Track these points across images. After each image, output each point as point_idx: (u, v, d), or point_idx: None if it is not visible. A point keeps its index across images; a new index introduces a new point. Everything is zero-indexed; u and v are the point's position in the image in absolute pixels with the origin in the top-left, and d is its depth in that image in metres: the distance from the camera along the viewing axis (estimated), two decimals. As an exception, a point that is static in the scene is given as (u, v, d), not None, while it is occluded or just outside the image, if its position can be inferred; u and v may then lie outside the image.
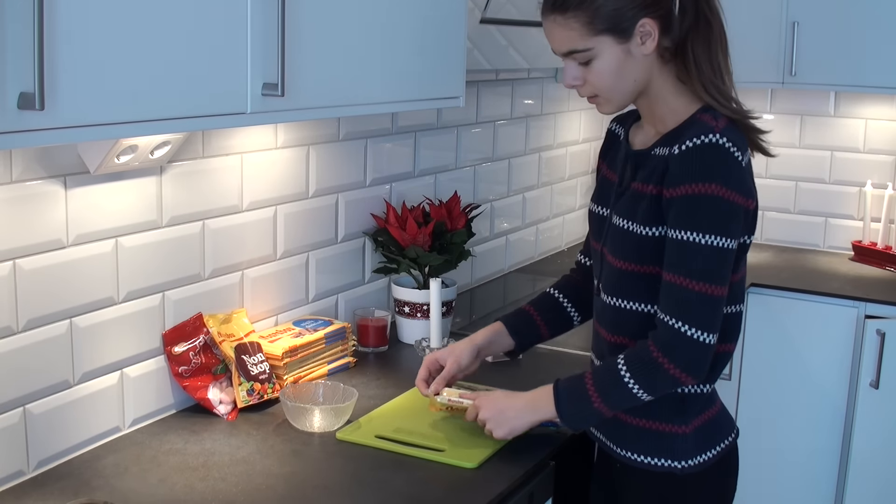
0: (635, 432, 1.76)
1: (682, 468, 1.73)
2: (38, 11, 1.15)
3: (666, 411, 1.73)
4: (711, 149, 1.59)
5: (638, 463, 1.76)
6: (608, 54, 1.66)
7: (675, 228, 1.61)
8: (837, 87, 3.55)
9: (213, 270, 2.07)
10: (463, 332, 2.57)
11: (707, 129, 1.61)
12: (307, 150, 2.30)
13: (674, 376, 1.63)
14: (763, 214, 3.94)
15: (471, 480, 1.74)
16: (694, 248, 1.60)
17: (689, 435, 1.73)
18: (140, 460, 1.78)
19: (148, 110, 1.37)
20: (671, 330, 1.62)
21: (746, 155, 1.66)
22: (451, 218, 2.57)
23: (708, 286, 1.60)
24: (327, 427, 1.91)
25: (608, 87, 1.69)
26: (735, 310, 1.75)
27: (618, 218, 1.73)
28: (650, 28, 1.64)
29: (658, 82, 1.70)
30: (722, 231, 1.59)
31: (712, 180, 1.58)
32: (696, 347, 1.61)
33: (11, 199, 1.63)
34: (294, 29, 1.58)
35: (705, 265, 1.60)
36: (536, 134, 3.36)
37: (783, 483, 3.38)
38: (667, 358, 1.62)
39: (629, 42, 1.65)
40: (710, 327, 1.61)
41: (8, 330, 1.65)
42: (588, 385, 1.71)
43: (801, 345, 3.32)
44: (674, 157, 1.62)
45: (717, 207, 1.59)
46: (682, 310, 1.61)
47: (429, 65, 2.00)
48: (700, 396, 1.75)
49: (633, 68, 1.67)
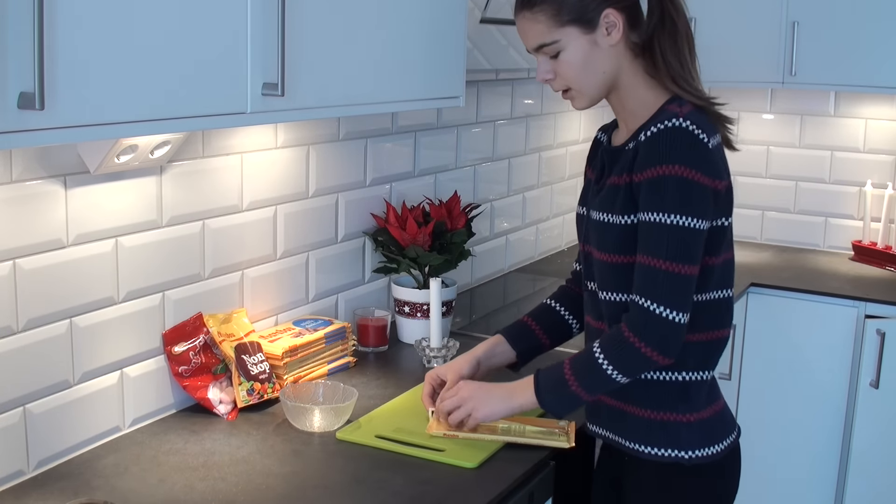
0: (641, 424, 1.77)
1: (690, 458, 1.74)
2: (38, 11, 1.15)
3: (670, 400, 1.75)
4: (674, 131, 1.64)
5: (645, 454, 1.77)
6: (575, 45, 1.71)
7: (644, 211, 1.66)
8: (837, 86, 3.55)
9: (213, 270, 2.08)
10: (463, 332, 2.58)
11: (671, 115, 1.66)
12: (307, 150, 2.30)
13: (645, 355, 1.65)
14: (763, 214, 3.94)
15: (471, 480, 1.74)
16: (660, 228, 1.64)
17: (694, 425, 1.75)
18: (140, 460, 1.78)
19: (148, 110, 1.37)
20: (641, 309, 1.65)
21: (714, 137, 1.69)
22: (451, 218, 2.57)
23: (675, 265, 1.63)
24: (327, 427, 1.91)
25: (577, 78, 1.74)
26: (724, 294, 1.77)
27: (596, 213, 1.77)
28: (615, 19, 1.70)
29: (628, 76, 1.75)
30: (687, 210, 1.63)
31: (675, 161, 1.63)
32: (666, 325, 1.64)
33: (11, 199, 1.63)
34: (294, 29, 1.58)
35: (672, 244, 1.63)
36: (536, 134, 3.36)
37: (783, 483, 3.38)
38: (637, 337, 1.65)
39: (595, 33, 1.71)
40: (678, 306, 1.64)
41: (8, 330, 1.65)
42: (566, 370, 1.74)
43: (801, 345, 3.32)
44: (641, 143, 1.68)
45: (681, 187, 1.62)
46: (651, 289, 1.64)
47: (429, 65, 2.00)
48: (703, 384, 1.77)
49: (601, 59, 1.73)
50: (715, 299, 1.75)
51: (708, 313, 1.74)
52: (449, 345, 2.30)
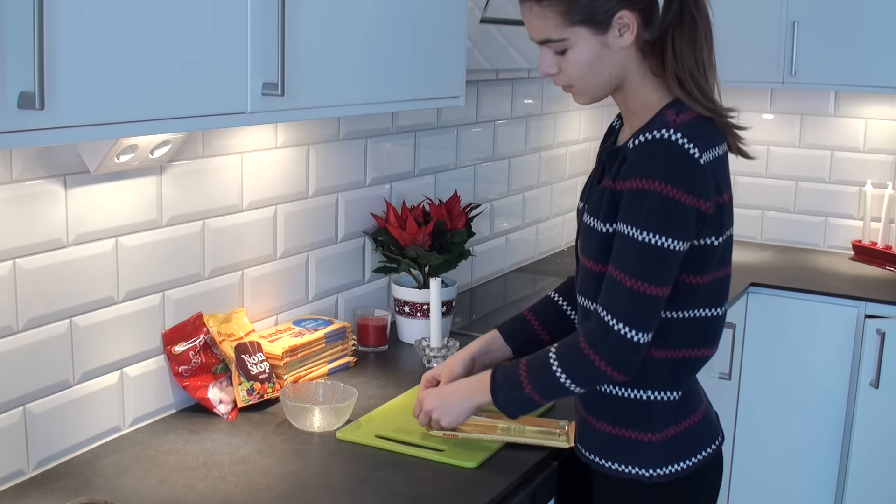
0: (603, 437, 1.74)
1: (650, 476, 1.70)
2: (38, 11, 1.15)
3: (631, 417, 1.71)
4: (661, 144, 1.56)
5: (605, 468, 1.74)
6: (584, 45, 1.63)
7: (620, 222, 1.60)
8: (837, 86, 3.55)
9: (213, 270, 2.08)
10: (463, 332, 2.58)
11: (664, 123, 1.58)
12: (307, 150, 2.30)
13: (599, 369, 1.61)
14: (763, 214, 3.94)
15: (471, 480, 1.74)
16: (632, 243, 1.58)
17: (657, 444, 1.70)
18: (140, 460, 1.78)
19: (148, 110, 1.37)
20: (601, 322, 1.61)
21: (710, 152, 1.61)
22: (451, 217, 2.57)
23: (642, 284, 1.57)
24: (327, 427, 1.91)
25: (582, 78, 1.67)
26: (711, 313, 1.71)
27: (587, 216, 1.72)
28: (629, 20, 1.61)
29: (635, 76, 1.67)
30: (662, 230, 1.56)
31: (657, 177, 1.55)
32: (622, 344, 1.59)
33: (11, 199, 1.63)
34: (294, 29, 1.58)
35: (641, 262, 1.57)
36: (536, 134, 3.36)
37: (783, 483, 3.38)
38: (592, 350, 1.61)
39: (606, 34, 1.62)
40: (639, 325, 1.58)
41: (8, 330, 1.65)
42: (521, 372, 1.71)
43: (801, 345, 3.32)
44: (629, 150, 1.61)
45: (659, 205, 1.55)
46: (614, 304, 1.59)
47: (429, 65, 2.00)
48: (668, 404, 1.71)
49: (610, 61, 1.65)
50: (698, 317, 1.69)
51: (683, 331, 1.68)
52: (449, 345, 2.30)
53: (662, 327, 1.66)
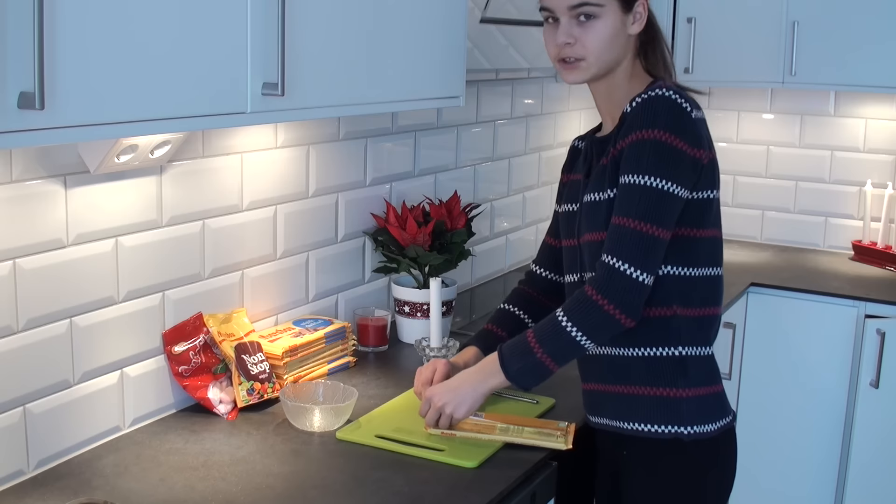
0: (641, 402, 1.78)
1: (689, 433, 1.76)
2: (38, 11, 1.15)
3: (669, 375, 1.76)
4: (658, 100, 1.69)
5: (645, 433, 1.77)
6: (611, 19, 1.75)
7: (622, 174, 1.69)
8: (837, 86, 3.55)
9: (213, 270, 2.08)
10: (463, 332, 2.58)
11: (657, 87, 1.72)
12: (307, 150, 2.30)
13: (608, 313, 1.66)
14: (763, 214, 3.94)
15: (471, 480, 1.74)
16: (635, 188, 1.66)
17: (692, 400, 1.76)
18: (140, 460, 1.78)
19: (148, 110, 1.37)
20: (605, 266, 1.67)
21: (697, 112, 1.73)
22: (451, 217, 2.57)
23: (645, 225, 1.65)
24: (327, 427, 1.91)
25: (598, 51, 1.76)
26: (714, 272, 1.79)
27: (589, 196, 1.79)
28: (643, 11, 1.79)
29: (624, 68, 1.81)
30: (664, 173, 1.65)
31: (656, 126, 1.67)
32: (628, 283, 1.65)
33: (11, 199, 1.63)
34: (294, 29, 1.58)
35: (643, 204, 1.65)
36: (536, 133, 3.36)
37: (783, 482, 3.38)
38: (600, 294, 1.66)
39: (628, 15, 1.77)
40: (643, 265, 1.65)
41: (8, 330, 1.65)
42: (530, 338, 1.74)
43: (801, 345, 3.32)
44: (626, 115, 1.72)
45: (660, 151, 1.66)
46: (618, 247, 1.66)
47: (429, 65, 2.00)
48: (702, 360, 1.78)
49: (622, 42, 1.78)
50: (706, 276, 1.77)
51: (700, 289, 1.76)
52: (449, 344, 2.29)
53: (685, 286, 1.74)
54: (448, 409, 1.82)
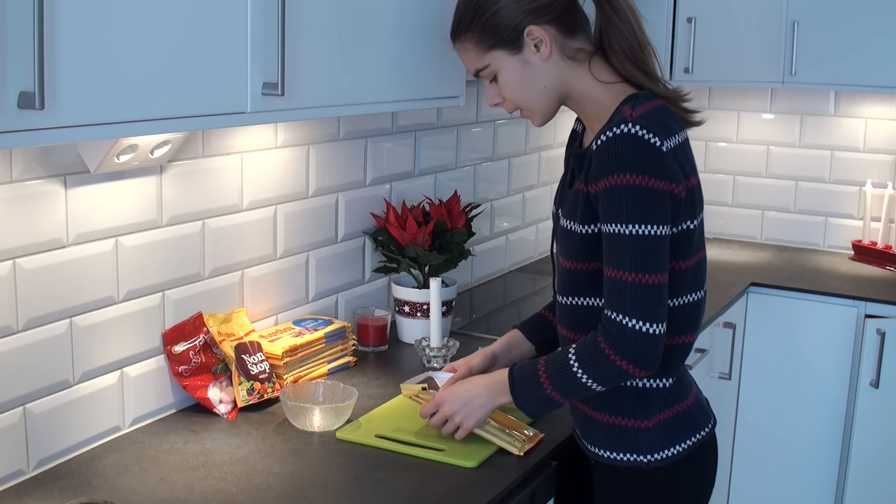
0: (601, 428, 1.77)
1: (648, 462, 1.74)
2: (38, 11, 1.15)
3: (628, 406, 1.74)
4: (622, 139, 1.60)
5: (605, 458, 1.77)
6: (506, 67, 1.72)
7: (604, 223, 1.63)
8: (837, 86, 3.55)
9: (213, 270, 2.08)
10: (463, 332, 2.58)
11: (622, 119, 1.62)
12: (307, 150, 2.30)
13: (621, 368, 1.63)
14: (763, 214, 3.94)
15: (471, 480, 1.74)
16: (621, 239, 1.61)
17: (652, 429, 1.74)
18: (140, 460, 1.78)
19: (148, 110, 1.37)
20: (614, 323, 1.62)
21: (669, 140, 1.64)
22: (451, 217, 2.57)
23: (642, 276, 1.60)
24: (327, 427, 1.91)
25: (519, 98, 1.75)
26: (691, 299, 1.74)
27: (564, 219, 1.76)
28: (539, 34, 1.69)
29: (578, 83, 1.73)
30: (645, 219, 1.59)
31: (626, 170, 1.59)
32: (640, 338, 1.61)
33: (11, 199, 1.63)
34: (294, 29, 1.58)
35: (635, 255, 1.60)
36: (536, 133, 3.36)
37: (783, 483, 3.38)
38: (612, 350, 1.63)
39: (523, 52, 1.70)
40: (651, 317, 1.61)
41: (8, 329, 1.65)
42: (541, 372, 1.72)
43: (801, 344, 3.32)
44: (593, 152, 1.65)
45: (637, 196, 1.59)
46: (621, 302, 1.62)
47: (429, 64, 1.99)
48: (661, 391, 1.75)
49: (538, 76, 1.72)
50: (683, 304, 1.73)
51: (675, 320, 1.70)
52: (449, 344, 2.30)
53: None
54: (457, 418, 1.82)
